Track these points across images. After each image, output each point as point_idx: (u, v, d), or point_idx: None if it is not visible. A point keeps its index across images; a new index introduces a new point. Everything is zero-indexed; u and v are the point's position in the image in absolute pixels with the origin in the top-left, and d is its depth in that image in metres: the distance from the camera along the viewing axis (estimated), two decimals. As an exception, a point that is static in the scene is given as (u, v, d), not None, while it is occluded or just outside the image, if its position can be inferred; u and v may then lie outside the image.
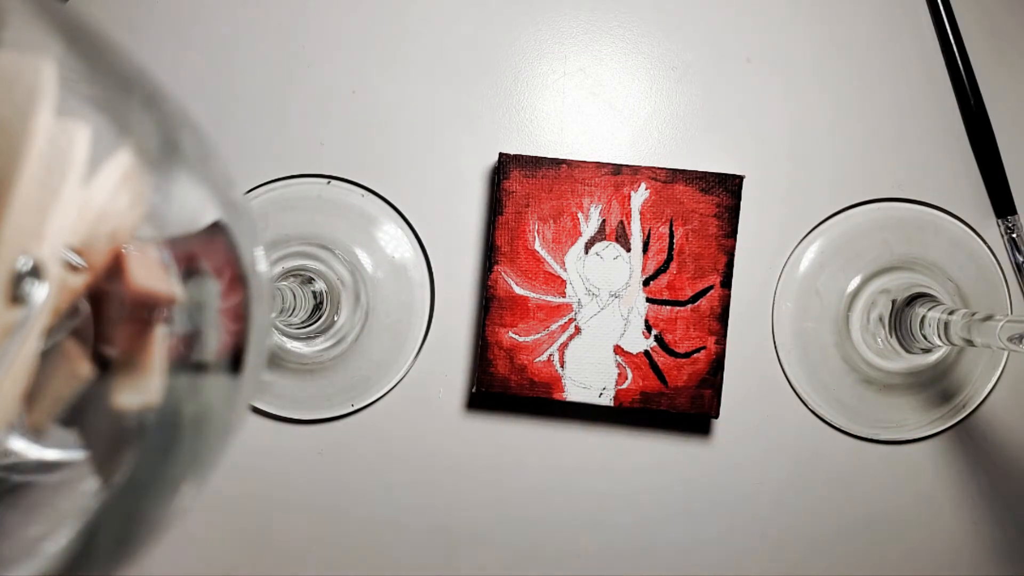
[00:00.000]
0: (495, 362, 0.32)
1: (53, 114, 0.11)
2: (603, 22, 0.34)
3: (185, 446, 0.14)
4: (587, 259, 0.32)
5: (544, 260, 0.32)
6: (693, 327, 0.32)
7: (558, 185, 0.32)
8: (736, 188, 0.32)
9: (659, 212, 0.32)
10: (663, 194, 0.32)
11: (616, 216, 0.32)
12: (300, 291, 0.31)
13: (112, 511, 0.13)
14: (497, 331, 0.32)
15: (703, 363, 0.32)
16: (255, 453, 0.34)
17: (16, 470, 0.12)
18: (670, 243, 0.32)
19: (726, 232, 0.32)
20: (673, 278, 0.32)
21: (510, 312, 0.32)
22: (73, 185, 0.12)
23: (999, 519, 0.34)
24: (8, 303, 0.11)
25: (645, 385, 0.32)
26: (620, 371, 0.32)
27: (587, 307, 0.32)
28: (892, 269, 0.34)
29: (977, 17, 0.34)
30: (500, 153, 0.32)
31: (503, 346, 0.32)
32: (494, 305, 0.32)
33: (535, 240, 0.32)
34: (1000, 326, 0.27)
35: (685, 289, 0.32)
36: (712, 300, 0.32)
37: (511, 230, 0.32)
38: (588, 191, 0.32)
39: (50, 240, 0.11)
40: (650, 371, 0.32)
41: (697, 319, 0.32)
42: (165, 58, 0.34)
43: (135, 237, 0.13)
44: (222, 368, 0.15)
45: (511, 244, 0.32)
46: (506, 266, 0.32)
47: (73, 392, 0.12)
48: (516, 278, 0.32)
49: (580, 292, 0.32)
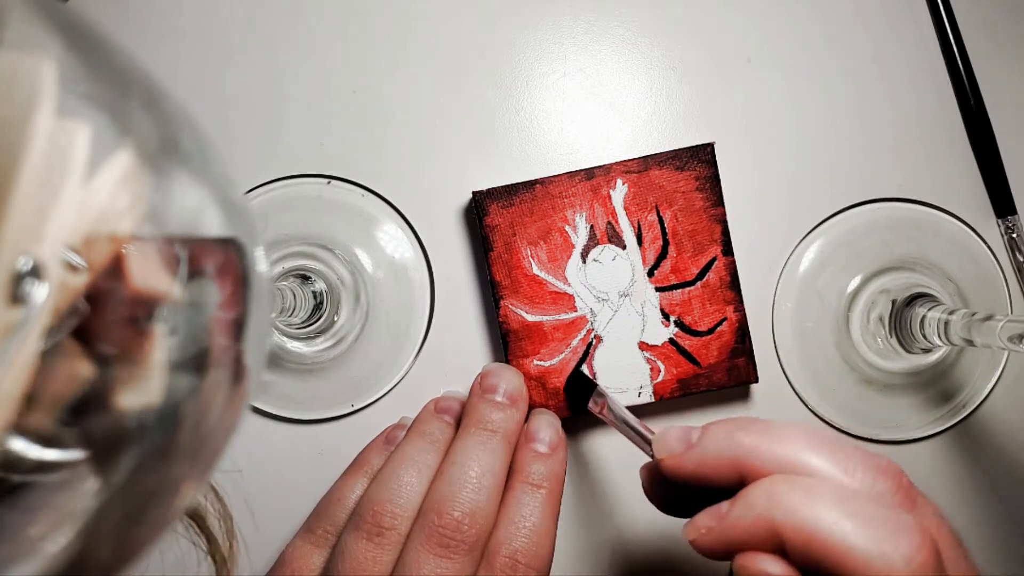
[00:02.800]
0: (529, 393, 0.32)
1: (53, 114, 0.11)
2: (603, 22, 0.34)
3: (185, 446, 0.14)
4: (587, 268, 0.32)
5: (546, 282, 0.32)
6: (708, 302, 0.32)
7: (538, 206, 0.32)
8: (710, 157, 0.32)
9: (642, 202, 0.32)
10: (641, 183, 0.32)
11: (603, 219, 0.32)
12: (300, 291, 0.31)
13: (112, 511, 0.13)
14: (522, 363, 0.32)
15: (728, 334, 0.32)
16: (255, 453, 0.34)
17: (16, 470, 0.12)
18: (662, 229, 0.32)
19: (712, 202, 0.32)
20: (675, 261, 0.32)
21: (528, 341, 0.32)
22: (73, 185, 0.12)
23: (999, 519, 0.34)
24: (8, 303, 0.11)
25: (680, 372, 0.32)
26: (651, 366, 0.32)
27: (601, 314, 0.32)
28: (892, 269, 0.34)
29: (977, 17, 0.34)
30: (473, 192, 0.31)
31: (532, 375, 0.32)
32: (511, 339, 0.32)
33: (531, 265, 0.32)
34: (1000, 326, 0.27)
35: (689, 268, 0.32)
36: (719, 271, 0.32)
37: (506, 263, 0.32)
38: (568, 203, 0.32)
39: (50, 240, 0.11)
40: (680, 357, 0.32)
41: (710, 294, 0.32)
42: (165, 58, 0.34)
43: (135, 237, 0.13)
44: (222, 368, 0.15)
45: (510, 276, 0.32)
46: (511, 298, 0.32)
47: (73, 392, 0.12)
48: (525, 307, 0.32)
49: (590, 301, 0.32)
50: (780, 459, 0.20)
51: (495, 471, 0.28)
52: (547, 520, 0.28)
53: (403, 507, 0.28)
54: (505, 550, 0.27)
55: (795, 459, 0.20)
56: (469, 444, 0.29)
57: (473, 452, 0.28)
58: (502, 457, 0.28)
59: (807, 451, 0.20)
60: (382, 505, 0.27)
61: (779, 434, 0.20)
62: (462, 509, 0.27)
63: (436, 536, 0.26)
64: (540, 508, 0.28)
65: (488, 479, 0.28)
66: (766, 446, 0.20)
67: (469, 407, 0.30)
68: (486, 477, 0.28)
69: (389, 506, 0.27)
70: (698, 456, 0.22)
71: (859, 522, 0.18)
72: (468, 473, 0.27)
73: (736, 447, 0.21)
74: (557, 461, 0.29)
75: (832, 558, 0.18)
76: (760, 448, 0.20)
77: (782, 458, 0.20)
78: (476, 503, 0.27)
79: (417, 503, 0.28)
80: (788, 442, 0.20)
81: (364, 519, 0.27)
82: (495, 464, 0.28)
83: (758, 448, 0.20)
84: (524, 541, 0.27)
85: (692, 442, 0.22)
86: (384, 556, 0.27)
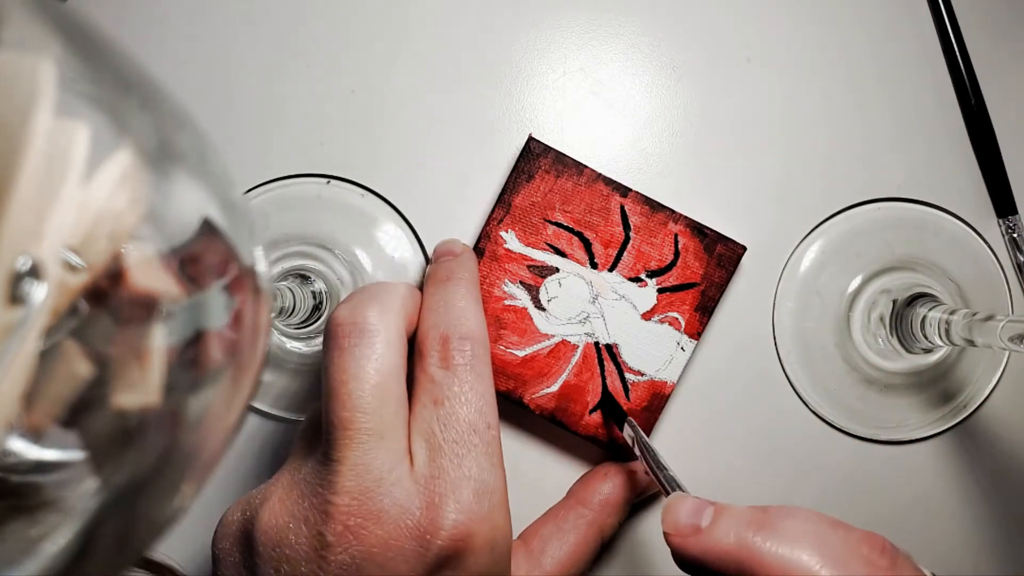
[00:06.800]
0: (573, 424, 0.32)
1: (52, 114, 0.11)
2: (603, 22, 0.34)
3: (185, 446, 0.14)
4: (550, 310, 0.32)
5: (535, 353, 0.32)
6: (652, 237, 0.32)
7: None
8: (541, 149, 0.32)
9: (532, 227, 0.32)
10: (516, 218, 0.32)
11: (522, 269, 0.32)
12: (299, 291, 0.31)
13: (112, 511, 0.13)
14: (534, 400, 0.32)
15: (689, 239, 0.32)
16: (255, 453, 0.34)
17: (16, 470, 0.12)
18: (565, 228, 0.32)
19: (567, 168, 0.32)
20: (603, 239, 0.32)
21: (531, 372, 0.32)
22: (72, 185, 0.12)
23: (1000, 519, 0.34)
24: (7, 303, 0.11)
25: (691, 303, 0.32)
26: (668, 322, 0.32)
27: (596, 327, 0.32)
28: (893, 269, 0.34)
29: (978, 16, 0.34)
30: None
31: (546, 410, 0.32)
32: (506, 376, 0.32)
33: (514, 357, 0.32)
34: (1001, 326, 0.27)
35: (614, 233, 0.32)
36: (632, 209, 0.32)
37: (498, 374, 0.32)
38: (490, 284, 0.32)
39: (49, 240, 0.11)
40: (679, 293, 0.32)
41: (644, 231, 0.32)
42: (165, 58, 0.34)
43: (134, 237, 0.13)
44: (222, 368, 0.15)
45: (510, 377, 0.32)
46: (527, 394, 0.32)
47: (73, 392, 0.12)
48: (516, 347, 0.32)
49: (578, 330, 0.32)
50: (785, 565, 0.21)
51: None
52: (461, 299, 0.27)
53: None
54: (431, 336, 0.26)
55: (800, 570, 0.21)
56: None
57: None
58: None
59: (814, 561, 0.21)
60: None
61: (788, 536, 0.21)
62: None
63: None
64: (453, 293, 0.28)
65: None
66: (774, 550, 0.21)
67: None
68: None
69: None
70: (704, 545, 0.22)
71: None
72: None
73: (743, 547, 0.21)
74: (463, 260, 0.29)
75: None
76: (766, 553, 0.21)
77: (788, 564, 0.21)
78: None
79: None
80: (796, 547, 0.21)
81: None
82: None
83: (764, 554, 0.21)
84: (444, 319, 0.27)
85: (701, 526, 0.22)
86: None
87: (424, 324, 0.27)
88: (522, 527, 0.31)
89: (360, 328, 0.24)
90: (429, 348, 0.26)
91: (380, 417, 0.24)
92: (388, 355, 0.24)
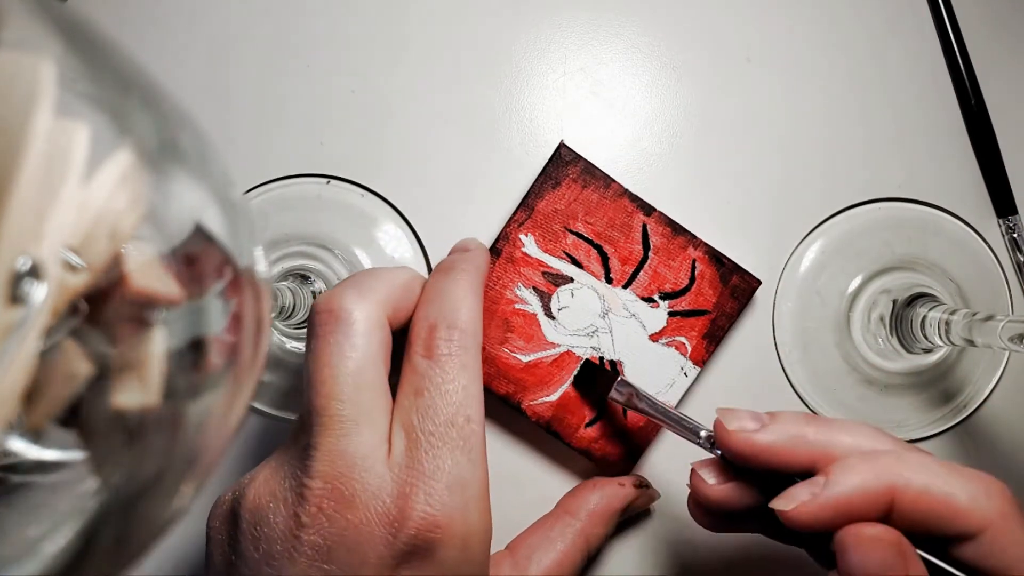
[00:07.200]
0: (568, 436, 0.32)
1: (52, 114, 0.11)
2: (603, 22, 0.34)
3: (185, 446, 0.14)
4: (560, 319, 0.32)
5: (539, 360, 0.32)
6: (669, 260, 0.32)
7: (486, 307, 0.31)
8: (572, 157, 0.31)
9: (552, 234, 0.32)
10: (538, 222, 0.32)
11: (536, 275, 0.32)
12: (300, 291, 0.31)
13: (112, 511, 0.13)
14: (535, 409, 0.32)
15: (706, 267, 0.32)
16: (255, 453, 0.34)
17: (16, 470, 0.12)
18: (585, 240, 0.32)
19: (603, 184, 0.31)
20: (621, 254, 0.32)
21: (530, 377, 0.32)
22: (72, 185, 0.12)
23: (1000, 519, 0.34)
24: (7, 303, 0.11)
25: (699, 330, 0.32)
26: (675, 346, 0.32)
27: (603, 342, 0.32)
28: (893, 269, 0.34)
29: (978, 16, 0.34)
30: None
31: (543, 418, 0.32)
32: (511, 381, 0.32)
33: (519, 360, 0.32)
34: (1001, 326, 0.27)
35: (633, 251, 0.32)
36: (655, 231, 0.32)
37: (494, 375, 0.31)
38: (501, 285, 0.32)
39: (49, 240, 0.11)
40: (689, 319, 0.32)
41: (663, 253, 0.32)
42: (165, 58, 0.34)
43: (134, 237, 0.13)
44: (222, 368, 0.15)
45: (511, 381, 0.32)
46: (526, 400, 0.32)
47: (73, 392, 0.12)
48: (521, 352, 0.32)
49: (586, 342, 0.32)
50: (855, 447, 0.23)
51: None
52: (459, 290, 0.27)
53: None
54: (420, 324, 0.26)
55: (871, 447, 0.23)
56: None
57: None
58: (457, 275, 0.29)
59: (875, 440, 0.23)
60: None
61: (845, 426, 0.23)
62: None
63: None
64: (452, 283, 0.27)
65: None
66: (838, 436, 0.23)
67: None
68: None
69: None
70: (772, 436, 0.23)
71: (957, 480, 0.21)
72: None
73: (811, 433, 0.23)
74: (472, 254, 0.29)
75: (943, 512, 0.21)
76: (834, 436, 0.23)
77: (856, 446, 0.23)
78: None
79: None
80: (856, 433, 0.23)
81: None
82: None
83: (832, 436, 0.23)
84: (438, 308, 0.26)
85: (765, 422, 0.24)
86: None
87: (418, 312, 0.27)
88: (510, 537, 0.31)
89: (336, 315, 0.24)
90: (416, 336, 0.26)
91: (355, 404, 0.24)
92: (364, 343, 0.24)
